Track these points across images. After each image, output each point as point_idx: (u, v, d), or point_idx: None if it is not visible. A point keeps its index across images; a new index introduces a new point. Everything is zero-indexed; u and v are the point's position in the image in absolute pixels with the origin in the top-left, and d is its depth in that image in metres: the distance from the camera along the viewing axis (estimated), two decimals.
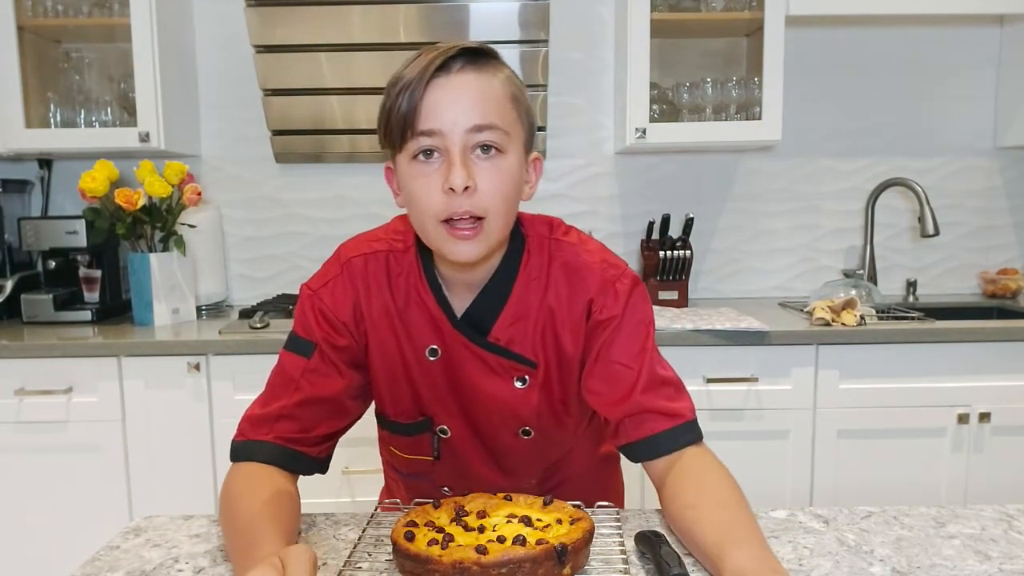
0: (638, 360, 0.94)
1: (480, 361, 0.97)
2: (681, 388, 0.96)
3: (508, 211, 0.90)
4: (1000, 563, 0.80)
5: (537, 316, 0.97)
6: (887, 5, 2.17)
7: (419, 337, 0.98)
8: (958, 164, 2.50)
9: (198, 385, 1.94)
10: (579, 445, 1.10)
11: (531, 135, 0.94)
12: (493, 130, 0.86)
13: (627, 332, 0.95)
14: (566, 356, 0.98)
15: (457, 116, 0.85)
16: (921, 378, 1.97)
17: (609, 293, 0.96)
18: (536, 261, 0.98)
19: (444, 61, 0.85)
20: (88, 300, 2.24)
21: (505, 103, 0.88)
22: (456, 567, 0.72)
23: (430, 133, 0.85)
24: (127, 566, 0.82)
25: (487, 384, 0.98)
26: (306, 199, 2.48)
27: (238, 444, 0.94)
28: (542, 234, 1.00)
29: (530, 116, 0.93)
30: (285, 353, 0.97)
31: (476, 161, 0.86)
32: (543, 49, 2.28)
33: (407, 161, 0.88)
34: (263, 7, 2.19)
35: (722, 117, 2.28)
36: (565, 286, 0.97)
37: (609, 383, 0.94)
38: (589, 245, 1.00)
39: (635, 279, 0.98)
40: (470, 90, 0.86)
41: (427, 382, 0.99)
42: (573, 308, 0.97)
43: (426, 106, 0.85)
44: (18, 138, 2.15)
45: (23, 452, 1.94)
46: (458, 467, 1.05)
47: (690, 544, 0.83)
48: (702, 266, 2.52)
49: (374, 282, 0.98)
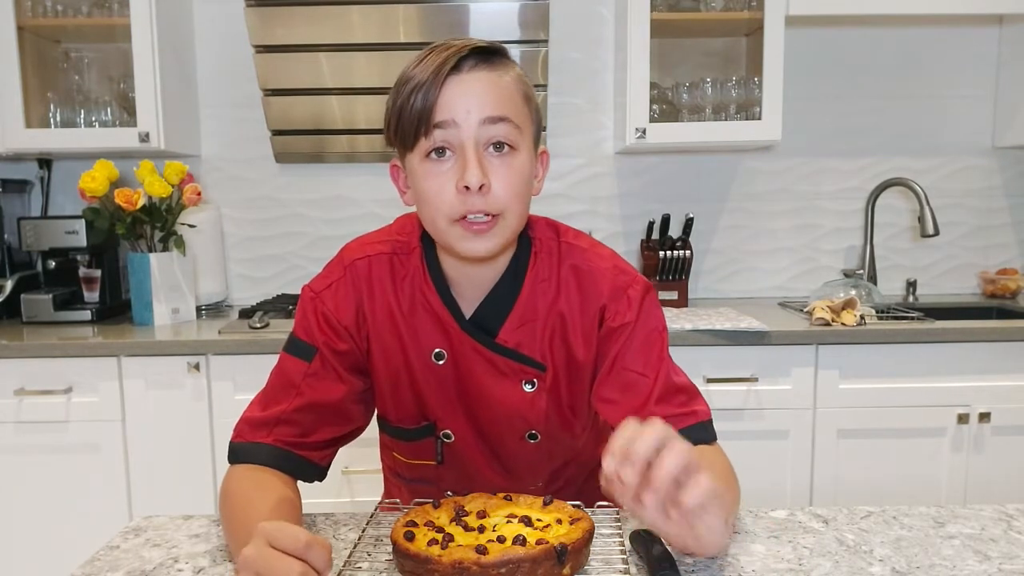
0: (654, 368, 0.93)
1: (488, 363, 0.96)
2: (695, 393, 0.95)
3: (522, 209, 0.89)
4: (1000, 563, 0.80)
5: (547, 320, 0.96)
6: (887, 5, 2.17)
7: (424, 340, 0.97)
8: (957, 164, 2.50)
9: (198, 385, 1.94)
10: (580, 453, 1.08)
11: (539, 132, 0.94)
12: (507, 123, 0.86)
13: (641, 339, 0.94)
14: (576, 362, 0.97)
15: (471, 107, 0.84)
16: (921, 378, 1.97)
17: (622, 299, 0.95)
18: (544, 263, 0.97)
19: (458, 60, 0.85)
20: (88, 300, 2.24)
21: (517, 98, 0.88)
22: (456, 567, 0.72)
23: (444, 125, 0.85)
24: (127, 566, 0.82)
25: (494, 386, 0.97)
26: (306, 199, 2.48)
27: (237, 445, 0.93)
28: (549, 236, 0.99)
29: (538, 114, 0.94)
30: (286, 355, 0.97)
31: (489, 159, 0.86)
32: (543, 49, 2.28)
33: (419, 159, 0.87)
34: (263, 7, 2.19)
35: (722, 117, 2.28)
36: (576, 291, 0.96)
37: (624, 392, 0.93)
38: (600, 250, 1.00)
39: (647, 285, 0.97)
40: (483, 84, 0.86)
41: (431, 386, 0.98)
42: (585, 314, 0.96)
43: (441, 103, 0.85)
44: (18, 138, 2.15)
45: (23, 452, 1.94)
46: (462, 472, 1.04)
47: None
48: (702, 266, 2.52)
49: (378, 284, 0.97)
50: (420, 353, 0.97)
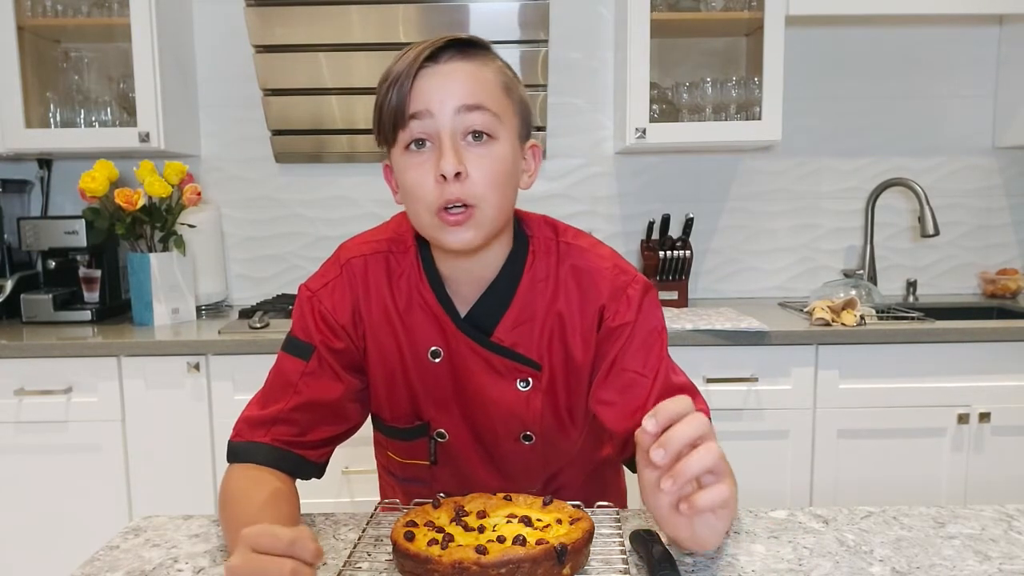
0: (653, 368, 0.93)
1: (483, 362, 0.96)
2: (695, 392, 0.94)
3: (501, 198, 0.88)
4: (1000, 563, 0.80)
5: (544, 320, 0.96)
6: (887, 5, 2.17)
7: (421, 338, 0.96)
8: (957, 164, 2.50)
9: (198, 385, 1.94)
10: (577, 456, 1.08)
11: (526, 125, 0.93)
12: (483, 111, 0.85)
13: (640, 339, 0.94)
14: (575, 363, 0.96)
15: (445, 97, 0.84)
16: (921, 378, 1.97)
17: (621, 299, 0.95)
18: (542, 263, 0.96)
19: (432, 52, 0.85)
20: (88, 300, 2.24)
21: (495, 89, 0.87)
22: (456, 567, 0.71)
23: (419, 115, 0.84)
24: (127, 566, 0.82)
25: (490, 385, 0.96)
26: (306, 199, 2.48)
27: (235, 445, 0.94)
28: (547, 236, 0.98)
29: (524, 106, 0.92)
30: (283, 355, 0.97)
31: (467, 148, 0.85)
32: (543, 49, 2.28)
33: (400, 153, 0.87)
34: (263, 7, 2.19)
35: (722, 117, 2.28)
36: (576, 291, 0.96)
37: (623, 393, 0.93)
38: (600, 250, 0.99)
39: (647, 285, 0.97)
40: (459, 74, 0.85)
41: (427, 384, 0.98)
42: (584, 314, 0.95)
43: (415, 94, 0.84)
44: (18, 138, 2.15)
45: (23, 452, 1.94)
46: (456, 472, 1.04)
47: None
48: (702, 266, 2.52)
49: (374, 283, 0.97)
50: (416, 351, 0.97)
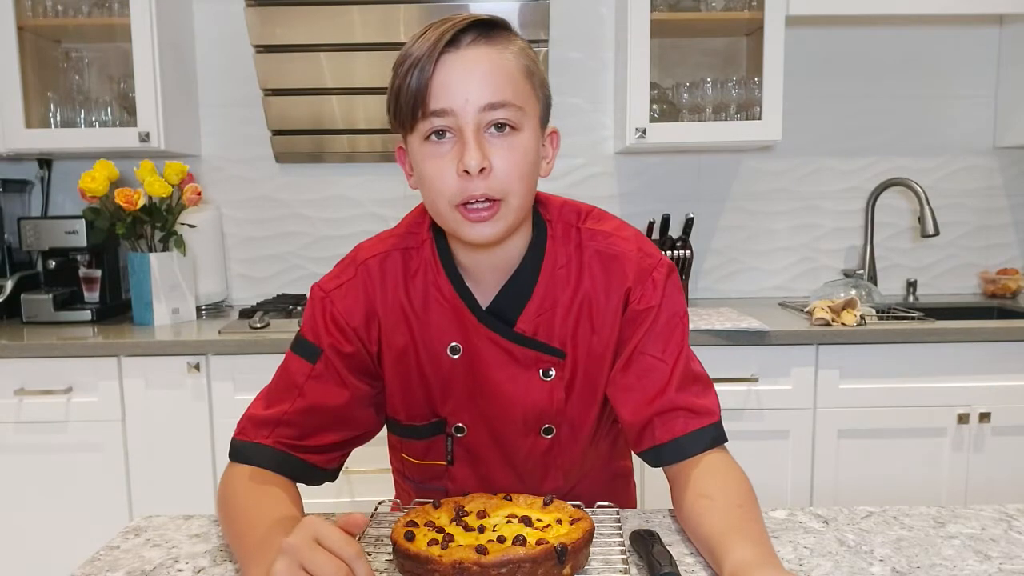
0: (673, 355, 0.91)
1: (506, 354, 0.93)
2: (709, 384, 0.93)
3: (526, 190, 0.86)
4: (1000, 563, 0.80)
5: (569, 307, 0.94)
6: (887, 5, 2.17)
7: (439, 335, 0.94)
8: (958, 164, 2.50)
9: (198, 385, 1.94)
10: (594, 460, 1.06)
11: (547, 108, 0.91)
12: (507, 107, 0.83)
13: (663, 324, 0.92)
14: (598, 348, 0.94)
15: (469, 94, 0.81)
16: (921, 378, 1.97)
17: (647, 282, 0.93)
18: (562, 249, 0.94)
19: (454, 35, 0.82)
20: (88, 300, 2.24)
21: (518, 77, 0.85)
22: (456, 567, 0.71)
23: (441, 113, 0.82)
24: (127, 566, 0.82)
25: (512, 378, 0.94)
26: (306, 199, 2.48)
27: (239, 444, 0.92)
28: (568, 221, 0.96)
29: (544, 88, 0.90)
30: (291, 354, 0.95)
31: (490, 140, 0.83)
32: (543, 49, 2.28)
33: (419, 142, 0.85)
34: (263, 7, 2.19)
35: (722, 117, 2.28)
36: (602, 276, 0.94)
37: (643, 378, 0.91)
38: (624, 232, 0.97)
39: (671, 267, 0.95)
40: (482, 65, 0.82)
41: (445, 382, 0.96)
42: (610, 298, 0.93)
43: (436, 84, 0.81)
44: (18, 138, 2.15)
45: (23, 452, 1.94)
46: (474, 472, 1.02)
47: (694, 532, 0.82)
48: (702, 266, 2.52)
49: (391, 282, 0.94)
50: (434, 348, 0.95)
